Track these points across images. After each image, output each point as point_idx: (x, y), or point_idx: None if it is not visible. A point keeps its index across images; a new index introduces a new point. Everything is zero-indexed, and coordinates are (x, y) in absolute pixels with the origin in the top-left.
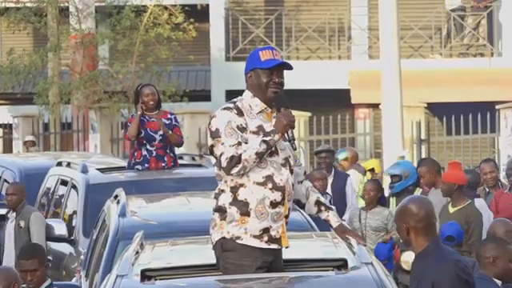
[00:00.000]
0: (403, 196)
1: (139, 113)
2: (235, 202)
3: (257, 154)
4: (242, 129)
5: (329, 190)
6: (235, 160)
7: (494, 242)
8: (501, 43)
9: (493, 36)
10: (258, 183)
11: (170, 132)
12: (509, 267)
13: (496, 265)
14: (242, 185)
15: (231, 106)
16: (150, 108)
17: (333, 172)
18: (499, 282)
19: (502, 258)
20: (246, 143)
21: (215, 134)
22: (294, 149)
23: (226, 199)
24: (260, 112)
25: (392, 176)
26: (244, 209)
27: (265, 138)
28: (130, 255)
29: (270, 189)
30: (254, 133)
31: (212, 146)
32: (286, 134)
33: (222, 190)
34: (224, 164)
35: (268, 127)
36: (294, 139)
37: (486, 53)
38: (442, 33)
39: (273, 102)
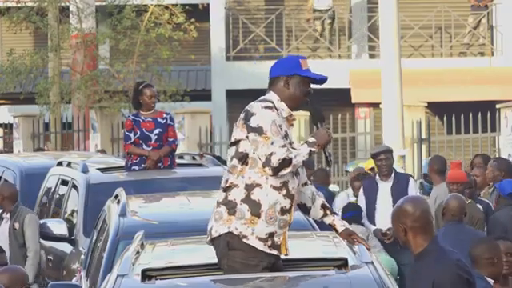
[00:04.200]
0: None
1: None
2: (248, 200)
3: (303, 161)
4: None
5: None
6: (286, 162)
7: (491, 242)
8: (501, 42)
9: (493, 35)
10: (275, 187)
11: (161, 155)
12: (502, 266)
13: (496, 265)
14: (258, 185)
15: (271, 105)
16: (149, 108)
17: (393, 175)
18: (491, 281)
19: (500, 259)
20: (294, 148)
21: (259, 131)
22: (330, 165)
23: (237, 195)
24: (285, 117)
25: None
26: (255, 209)
27: (311, 148)
28: (130, 255)
29: (284, 195)
30: (284, 137)
31: (241, 139)
32: (323, 150)
33: (235, 185)
34: (275, 164)
35: (290, 134)
36: (330, 155)
37: (486, 52)
38: (441, 32)
39: (300, 109)
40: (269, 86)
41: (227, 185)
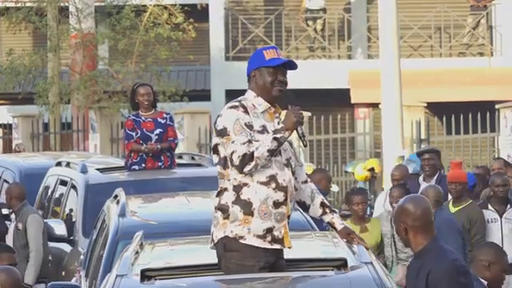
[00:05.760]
0: None
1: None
2: (238, 201)
3: (269, 151)
4: (250, 126)
5: None
6: (248, 158)
7: (493, 247)
8: (500, 42)
9: (492, 35)
10: (262, 183)
11: (159, 147)
12: (500, 276)
13: (490, 269)
14: (245, 184)
15: (237, 104)
16: (146, 108)
17: (436, 176)
18: (485, 282)
19: (497, 265)
20: (256, 141)
21: (223, 133)
22: (305, 145)
23: (228, 198)
24: (263, 112)
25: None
26: (247, 208)
27: (276, 135)
28: (129, 255)
29: (274, 189)
30: (258, 132)
31: (217, 144)
32: (296, 131)
33: (225, 189)
34: (237, 162)
35: (271, 127)
36: (304, 136)
37: (485, 52)
38: (441, 32)
39: (277, 101)
40: (248, 84)
41: (219, 190)
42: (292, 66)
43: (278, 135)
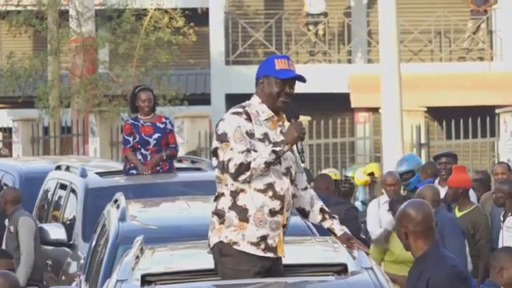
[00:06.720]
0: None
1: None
2: (234, 206)
3: (266, 163)
4: (251, 135)
5: None
6: (244, 167)
7: (505, 252)
8: (501, 47)
9: (492, 40)
10: (259, 190)
11: (164, 155)
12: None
13: (502, 275)
14: (242, 190)
15: (240, 110)
16: (145, 113)
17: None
18: None
19: (509, 269)
20: (255, 150)
21: (223, 138)
22: (303, 161)
23: (225, 203)
24: (266, 119)
25: (402, 174)
26: (243, 214)
27: (275, 148)
28: (129, 260)
29: (270, 197)
30: (259, 140)
31: (216, 148)
32: (295, 146)
33: (222, 194)
34: (232, 170)
35: (273, 135)
36: (303, 151)
37: (485, 57)
38: (441, 37)
39: (280, 111)
40: (255, 88)
41: (216, 194)
42: (301, 79)
43: (277, 148)
